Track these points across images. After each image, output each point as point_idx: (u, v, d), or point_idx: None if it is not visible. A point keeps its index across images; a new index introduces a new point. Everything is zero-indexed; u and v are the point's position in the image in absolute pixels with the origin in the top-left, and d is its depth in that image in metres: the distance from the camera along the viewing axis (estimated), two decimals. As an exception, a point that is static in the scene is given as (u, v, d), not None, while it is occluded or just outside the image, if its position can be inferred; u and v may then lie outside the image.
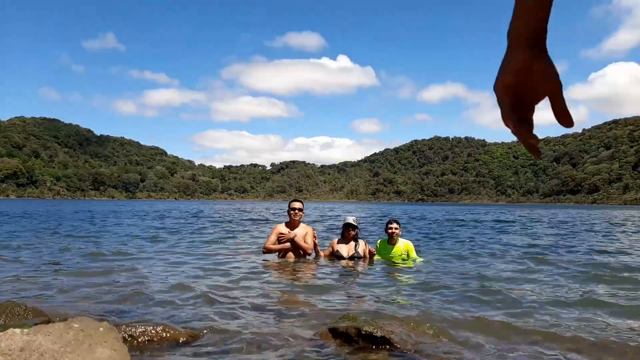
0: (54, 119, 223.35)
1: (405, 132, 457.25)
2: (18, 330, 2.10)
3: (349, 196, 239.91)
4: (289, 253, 6.62)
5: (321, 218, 24.21)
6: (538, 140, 0.78)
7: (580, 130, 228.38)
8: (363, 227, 15.17)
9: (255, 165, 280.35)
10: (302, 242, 6.57)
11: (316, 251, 6.84)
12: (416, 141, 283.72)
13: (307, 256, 6.68)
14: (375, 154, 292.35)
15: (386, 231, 7.10)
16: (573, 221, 23.60)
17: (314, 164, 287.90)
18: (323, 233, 12.50)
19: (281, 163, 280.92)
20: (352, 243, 6.94)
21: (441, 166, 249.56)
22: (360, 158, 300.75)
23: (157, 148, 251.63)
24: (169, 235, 12.26)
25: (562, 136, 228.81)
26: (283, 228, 6.69)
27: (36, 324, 2.36)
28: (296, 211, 6.59)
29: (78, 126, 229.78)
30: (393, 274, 6.06)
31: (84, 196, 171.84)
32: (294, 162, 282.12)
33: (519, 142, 0.79)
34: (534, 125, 0.79)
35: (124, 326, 3.01)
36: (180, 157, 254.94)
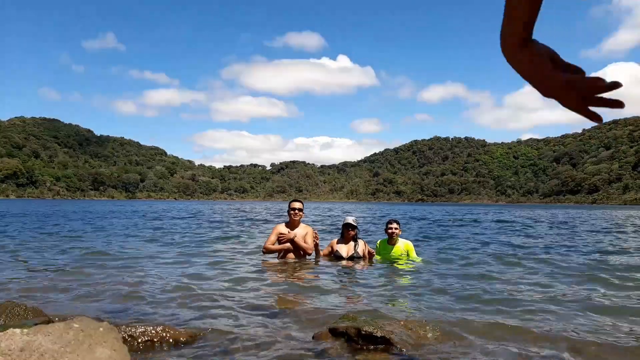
0: (54, 119, 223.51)
1: (405, 132, 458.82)
2: (18, 330, 2.10)
3: (349, 196, 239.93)
4: (289, 253, 6.62)
5: (321, 218, 24.21)
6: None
7: (580, 130, 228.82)
8: (363, 227, 15.17)
9: (255, 165, 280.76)
10: (302, 243, 6.56)
11: (317, 251, 6.83)
12: (416, 141, 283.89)
13: (307, 256, 6.68)
14: (375, 154, 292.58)
15: (386, 231, 7.11)
16: (573, 221, 23.60)
17: (314, 164, 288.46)
18: (323, 233, 12.49)
19: (281, 163, 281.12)
20: (352, 243, 6.93)
21: (441, 166, 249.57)
22: (360, 158, 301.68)
23: (157, 148, 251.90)
24: (169, 235, 12.26)
25: (562, 136, 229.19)
26: (283, 228, 6.68)
27: (36, 324, 2.36)
28: (296, 211, 6.58)
29: (78, 126, 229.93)
30: (393, 274, 6.05)
31: (84, 196, 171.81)
32: (294, 162, 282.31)
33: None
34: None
35: (124, 326, 3.01)
36: (180, 157, 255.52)
